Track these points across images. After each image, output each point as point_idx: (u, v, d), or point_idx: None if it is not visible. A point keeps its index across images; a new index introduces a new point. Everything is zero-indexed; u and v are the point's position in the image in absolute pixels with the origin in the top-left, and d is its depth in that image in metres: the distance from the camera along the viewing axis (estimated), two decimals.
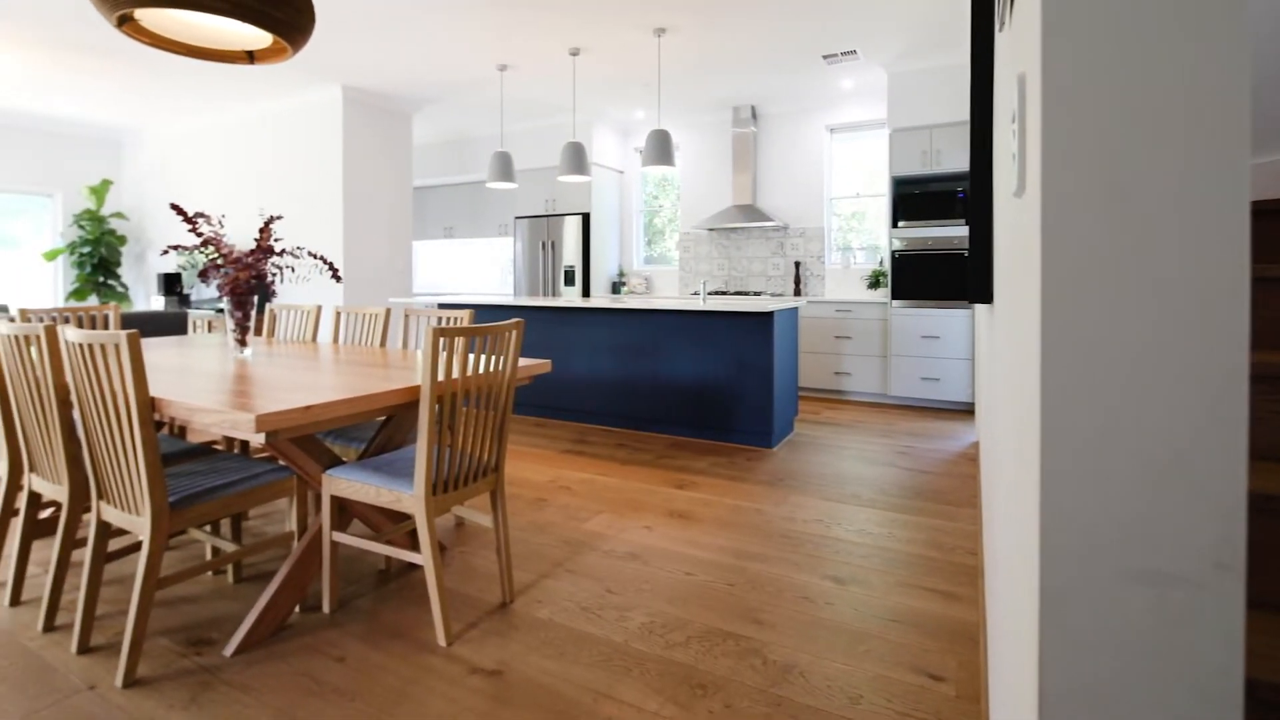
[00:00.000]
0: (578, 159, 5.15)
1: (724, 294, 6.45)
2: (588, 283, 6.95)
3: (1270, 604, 1.02)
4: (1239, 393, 0.50)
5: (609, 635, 1.94)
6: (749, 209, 6.34)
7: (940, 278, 5.17)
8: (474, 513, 2.42)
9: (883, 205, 6.09)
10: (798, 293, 6.34)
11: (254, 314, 2.59)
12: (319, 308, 3.33)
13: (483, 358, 2.00)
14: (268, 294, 2.58)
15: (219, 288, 2.49)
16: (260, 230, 2.52)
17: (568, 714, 1.60)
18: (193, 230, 2.45)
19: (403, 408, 1.94)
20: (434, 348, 1.82)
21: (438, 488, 1.91)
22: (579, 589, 2.23)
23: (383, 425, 2.26)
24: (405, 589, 2.22)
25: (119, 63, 5.21)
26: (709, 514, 2.94)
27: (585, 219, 6.90)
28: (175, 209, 2.42)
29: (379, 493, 1.92)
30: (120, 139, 7.80)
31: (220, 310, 6.45)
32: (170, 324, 4.64)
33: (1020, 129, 0.68)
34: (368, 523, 2.28)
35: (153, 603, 2.08)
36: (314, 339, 3.27)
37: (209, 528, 2.33)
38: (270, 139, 6.40)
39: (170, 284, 7.07)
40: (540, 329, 4.88)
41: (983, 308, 3.06)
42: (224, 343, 3.03)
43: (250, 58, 2.42)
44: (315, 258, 2.62)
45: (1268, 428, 1.16)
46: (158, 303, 7.28)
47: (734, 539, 2.66)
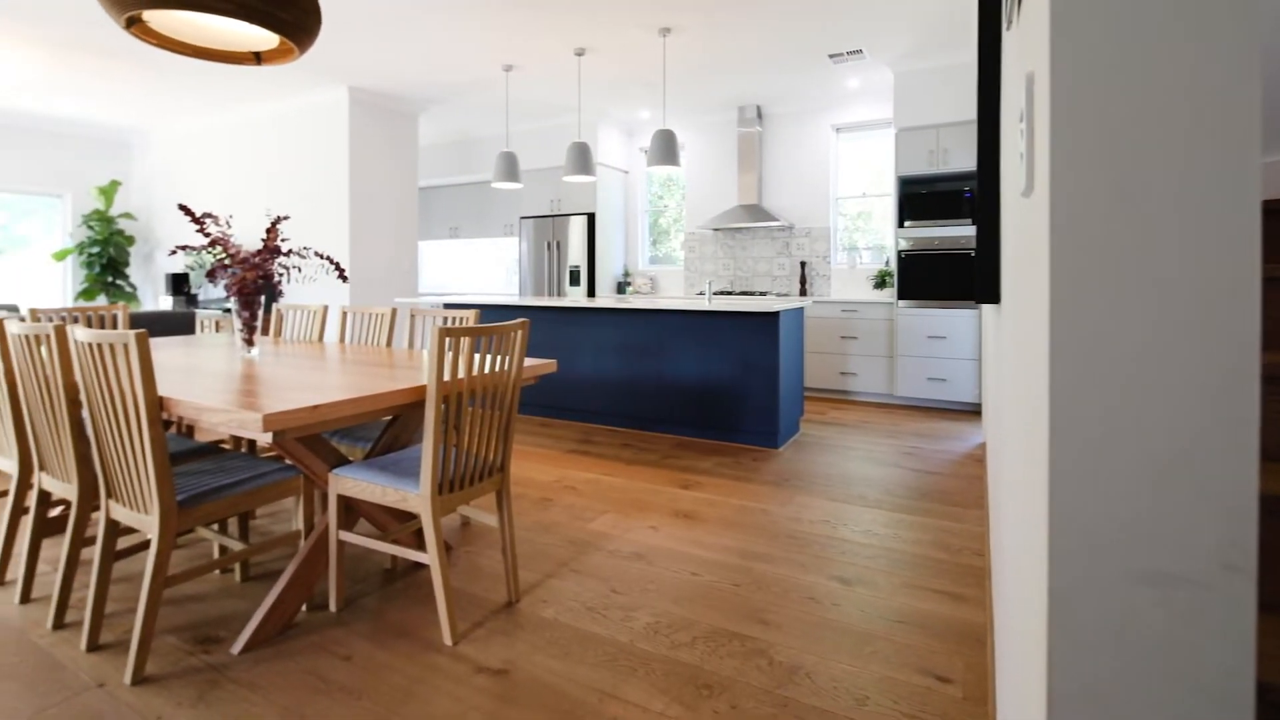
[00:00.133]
0: (583, 159, 5.15)
1: (729, 294, 6.44)
2: (593, 283, 6.95)
3: None
4: (1249, 393, 0.49)
5: (614, 635, 1.94)
6: (754, 209, 6.33)
7: (946, 278, 5.15)
8: (479, 512, 2.43)
9: (889, 205, 6.07)
10: (803, 293, 6.33)
11: (261, 314, 2.60)
12: (325, 308, 3.34)
13: (488, 358, 2.01)
14: (274, 294, 2.59)
15: (226, 288, 2.50)
16: (267, 230, 2.53)
17: (573, 714, 1.60)
18: (200, 230, 2.47)
19: (409, 407, 1.95)
20: (440, 348, 1.82)
21: (443, 487, 1.91)
22: (584, 589, 2.23)
23: (389, 425, 2.27)
24: (411, 588, 2.23)
25: (127, 64, 5.25)
26: (714, 514, 2.94)
27: (590, 219, 6.91)
28: (183, 209, 2.43)
29: (385, 492, 1.93)
30: (129, 140, 7.85)
31: (227, 310, 6.48)
32: (178, 324, 4.67)
33: (1028, 128, 0.68)
34: (374, 522, 2.29)
35: (161, 601, 2.08)
36: (320, 339, 3.28)
37: (216, 526, 2.34)
38: (277, 140, 6.43)
39: (178, 284, 7.11)
40: (545, 329, 4.89)
41: (990, 308, 3.05)
42: (231, 342, 3.04)
43: (257, 59, 2.43)
44: (322, 258, 2.63)
45: (1277, 429, 1.15)
46: (166, 303, 7.33)
47: (739, 539, 2.65)
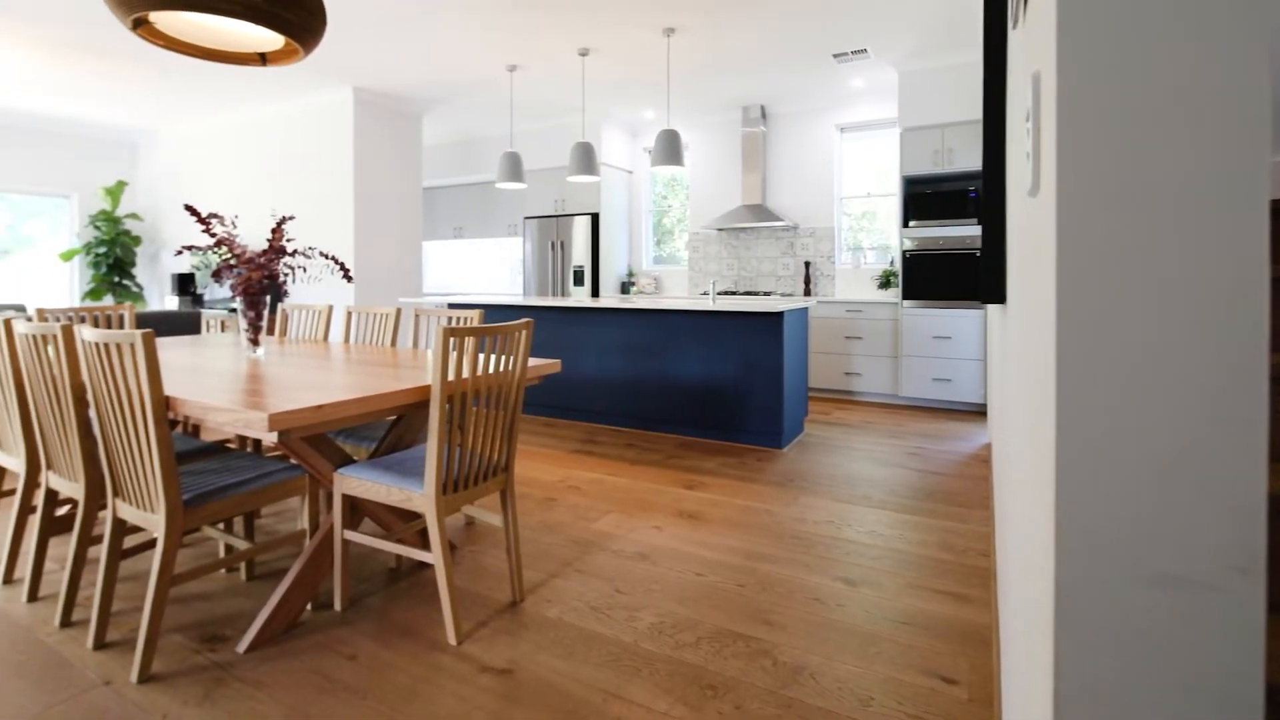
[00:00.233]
0: (587, 159, 5.15)
1: (733, 294, 6.44)
2: (597, 283, 6.95)
3: None
4: (1258, 394, 0.49)
5: (618, 635, 1.94)
6: (758, 209, 6.32)
7: (952, 278, 5.14)
8: (484, 512, 2.43)
9: (893, 205, 6.06)
10: (808, 293, 6.32)
11: (266, 314, 2.61)
12: (330, 308, 3.35)
13: (493, 357, 2.01)
14: (280, 294, 2.60)
15: (232, 288, 2.51)
16: (272, 231, 2.54)
17: (577, 713, 1.60)
18: (206, 231, 2.48)
19: (413, 407, 1.95)
20: (444, 347, 1.82)
21: (448, 487, 1.91)
22: (588, 589, 2.23)
23: (393, 424, 2.27)
24: (416, 587, 2.23)
25: (133, 65, 5.27)
26: (719, 514, 2.94)
27: (594, 219, 6.91)
28: (189, 210, 2.44)
29: (390, 491, 1.93)
30: (135, 140, 7.89)
31: (233, 310, 6.51)
32: (184, 324, 4.69)
33: (1035, 127, 0.67)
34: (378, 521, 2.30)
35: (167, 599, 2.10)
36: (325, 339, 3.29)
37: (222, 525, 2.35)
38: (282, 140, 6.45)
39: (184, 284, 7.14)
40: (550, 329, 4.89)
41: (995, 308, 3.04)
42: (237, 342, 3.06)
43: (262, 60, 2.44)
44: (326, 258, 2.64)
45: None
46: (172, 303, 7.36)
47: (744, 540, 2.65)
